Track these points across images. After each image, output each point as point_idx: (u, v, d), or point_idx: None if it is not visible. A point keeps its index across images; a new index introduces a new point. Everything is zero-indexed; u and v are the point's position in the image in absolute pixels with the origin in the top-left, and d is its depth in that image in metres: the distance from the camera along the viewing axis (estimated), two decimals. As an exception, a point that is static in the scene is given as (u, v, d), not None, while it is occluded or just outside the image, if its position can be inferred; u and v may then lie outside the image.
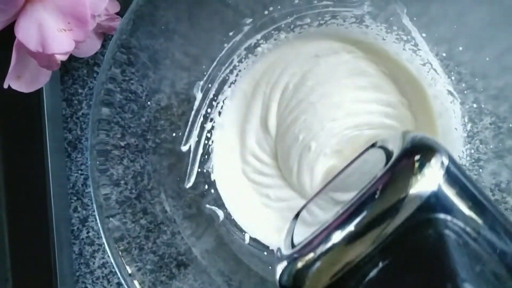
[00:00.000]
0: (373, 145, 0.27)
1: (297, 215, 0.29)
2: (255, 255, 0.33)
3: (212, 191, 0.34)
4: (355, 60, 0.34)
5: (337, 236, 0.19)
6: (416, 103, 0.33)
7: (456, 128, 0.32)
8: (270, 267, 0.32)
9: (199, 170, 0.33)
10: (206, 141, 0.33)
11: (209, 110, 0.33)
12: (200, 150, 0.33)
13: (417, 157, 0.19)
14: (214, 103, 0.33)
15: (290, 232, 0.25)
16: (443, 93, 0.32)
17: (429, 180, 0.18)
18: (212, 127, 0.34)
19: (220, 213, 0.33)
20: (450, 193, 0.18)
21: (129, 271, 0.27)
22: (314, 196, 0.30)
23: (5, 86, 0.29)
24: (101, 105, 0.28)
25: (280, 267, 0.21)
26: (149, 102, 0.29)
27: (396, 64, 0.33)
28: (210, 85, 0.32)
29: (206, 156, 0.33)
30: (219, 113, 0.34)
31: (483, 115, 0.31)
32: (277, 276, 0.21)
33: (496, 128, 0.30)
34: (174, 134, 0.31)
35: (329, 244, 0.19)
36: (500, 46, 0.29)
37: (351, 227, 0.19)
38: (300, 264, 0.20)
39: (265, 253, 0.33)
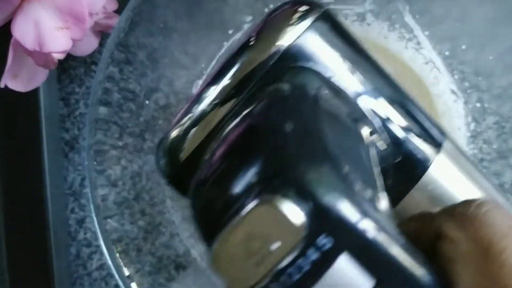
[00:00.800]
0: None
1: None
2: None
3: (212, 191, 0.33)
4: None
5: (211, 94, 0.19)
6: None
7: (459, 127, 0.32)
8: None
9: (199, 170, 0.33)
10: (206, 141, 0.33)
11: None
12: (200, 150, 0.33)
13: (294, 8, 0.19)
14: (214, 103, 0.33)
15: None
16: (446, 92, 0.32)
17: (296, 31, 0.18)
18: (212, 127, 0.34)
19: (220, 214, 0.33)
20: (319, 47, 0.18)
21: (127, 273, 0.27)
22: None
23: (2, 85, 0.29)
24: (98, 105, 0.27)
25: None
26: (147, 101, 0.29)
27: (398, 63, 0.33)
28: (209, 84, 0.32)
29: (205, 156, 0.33)
30: (219, 112, 0.34)
31: (487, 114, 0.31)
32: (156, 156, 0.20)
33: (499, 127, 0.30)
34: (173, 134, 0.31)
35: (203, 105, 0.19)
36: (503, 45, 0.29)
37: (224, 81, 0.18)
38: (174, 133, 0.19)
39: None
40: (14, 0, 0.27)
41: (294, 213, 0.12)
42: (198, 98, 0.19)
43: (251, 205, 0.13)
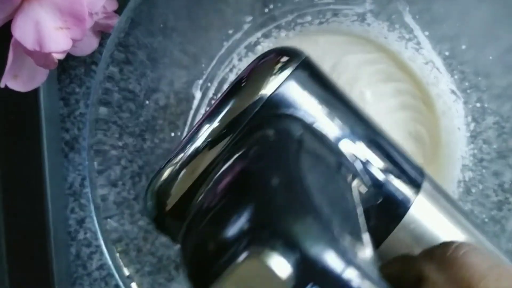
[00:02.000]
0: None
1: None
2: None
3: (212, 191, 0.33)
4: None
5: (200, 137, 0.19)
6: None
7: (459, 127, 0.32)
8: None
9: (199, 170, 0.33)
10: (206, 141, 0.33)
11: (208, 109, 0.33)
12: (200, 150, 0.33)
13: (276, 58, 0.20)
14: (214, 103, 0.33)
15: None
16: (446, 92, 0.32)
17: (278, 80, 0.19)
18: (212, 127, 0.34)
19: (220, 214, 0.33)
20: (299, 95, 0.19)
21: (127, 273, 0.27)
22: None
23: (2, 85, 0.29)
24: (98, 105, 0.27)
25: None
26: (147, 101, 0.29)
27: (398, 63, 0.33)
28: (209, 84, 0.32)
29: (205, 156, 0.33)
30: (219, 112, 0.34)
31: (486, 114, 0.31)
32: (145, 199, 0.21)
33: (499, 127, 0.30)
34: (172, 134, 0.31)
35: (190, 151, 0.19)
36: (503, 45, 0.29)
37: (212, 126, 0.19)
38: (162, 178, 0.20)
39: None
40: (14, 1, 0.27)
41: (281, 266, 0.13)
42: (188, 141, 0.20)
43: (240, 258, 0.13)
